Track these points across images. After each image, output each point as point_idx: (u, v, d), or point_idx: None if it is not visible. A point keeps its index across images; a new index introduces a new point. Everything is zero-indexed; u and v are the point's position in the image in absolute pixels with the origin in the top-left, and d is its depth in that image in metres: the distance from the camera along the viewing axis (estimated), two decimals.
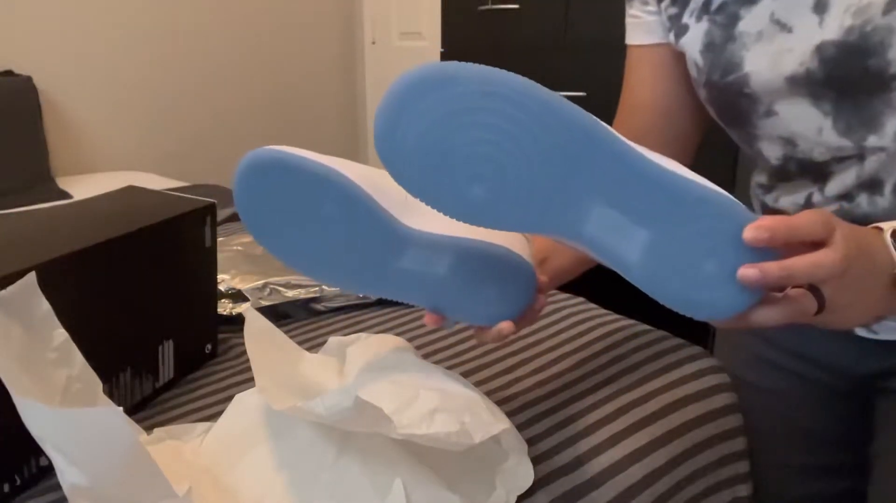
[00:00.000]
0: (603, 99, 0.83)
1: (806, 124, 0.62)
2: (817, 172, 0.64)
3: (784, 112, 0.62)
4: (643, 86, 0.75)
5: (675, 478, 0.65)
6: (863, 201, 0.62)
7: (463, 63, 0.43)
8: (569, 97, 0.71)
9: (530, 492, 0.57)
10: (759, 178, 0.73)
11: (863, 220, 0.61)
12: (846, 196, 0.63)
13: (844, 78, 0.57)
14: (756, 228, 0.42)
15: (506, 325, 0.56)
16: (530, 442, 0.61)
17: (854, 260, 0.43)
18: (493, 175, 0.44)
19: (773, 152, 0.66)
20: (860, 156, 0.60)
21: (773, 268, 0.42)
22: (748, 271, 0.43)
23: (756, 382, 0.79)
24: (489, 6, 2.28)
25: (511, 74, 0.43)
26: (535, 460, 0.59)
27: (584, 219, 0.45)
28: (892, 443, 0.72)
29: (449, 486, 0.54)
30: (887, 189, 0.60)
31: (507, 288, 0.56)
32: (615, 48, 0.84)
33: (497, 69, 0.43)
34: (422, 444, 0.51)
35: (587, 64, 2.00)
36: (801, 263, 0.42)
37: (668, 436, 0.67)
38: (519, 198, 0.45)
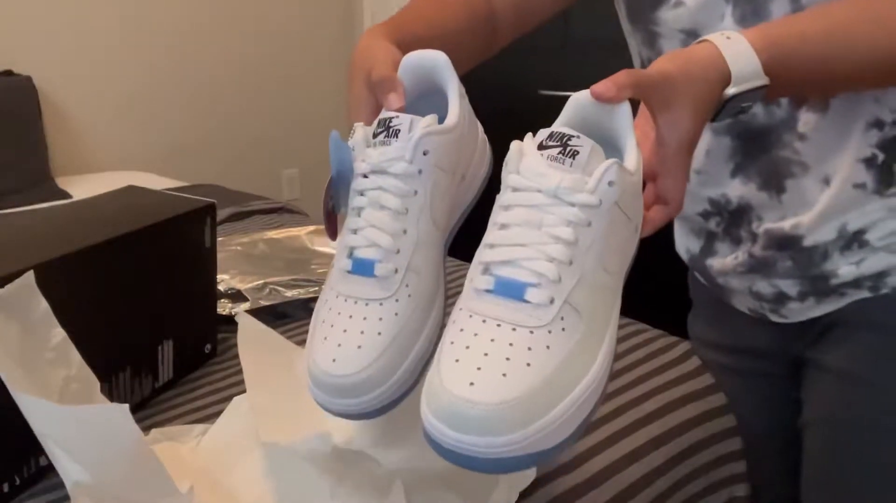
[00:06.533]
0: None
1: (710, 12, 0.62)
2: None
3: (690, 2, 0.63)
4: None
5: (673, 477, 0.65)
6: (759, 111, 0.62)
7: None
8: (569, 97, 0.71)
9: (530, 491, 0.57)
10: None
11: (760, 131, 0.62)
12: None
13: None
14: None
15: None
16: None
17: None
18: None
19: (672, 49, 0.66)
20: None
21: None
22: None
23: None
24: None
25: None
26: None
27: None
28: (814, 410, 0.70)
29: (449, 486, 0.54)
30: (784, 100, 0.61)
31: None
32: (615, 48, 0.85)
33: None
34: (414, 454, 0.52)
35: (587, 64, 1.99)
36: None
37: (666, 436, 0.67)
38: None
